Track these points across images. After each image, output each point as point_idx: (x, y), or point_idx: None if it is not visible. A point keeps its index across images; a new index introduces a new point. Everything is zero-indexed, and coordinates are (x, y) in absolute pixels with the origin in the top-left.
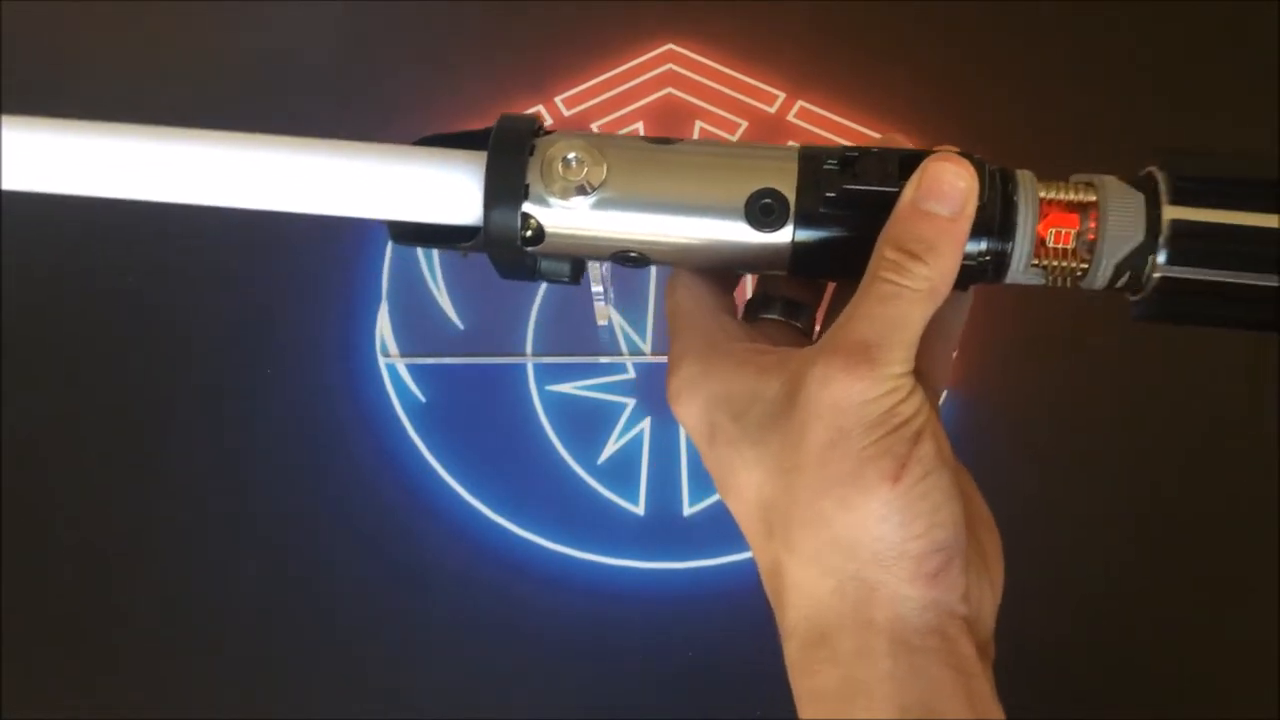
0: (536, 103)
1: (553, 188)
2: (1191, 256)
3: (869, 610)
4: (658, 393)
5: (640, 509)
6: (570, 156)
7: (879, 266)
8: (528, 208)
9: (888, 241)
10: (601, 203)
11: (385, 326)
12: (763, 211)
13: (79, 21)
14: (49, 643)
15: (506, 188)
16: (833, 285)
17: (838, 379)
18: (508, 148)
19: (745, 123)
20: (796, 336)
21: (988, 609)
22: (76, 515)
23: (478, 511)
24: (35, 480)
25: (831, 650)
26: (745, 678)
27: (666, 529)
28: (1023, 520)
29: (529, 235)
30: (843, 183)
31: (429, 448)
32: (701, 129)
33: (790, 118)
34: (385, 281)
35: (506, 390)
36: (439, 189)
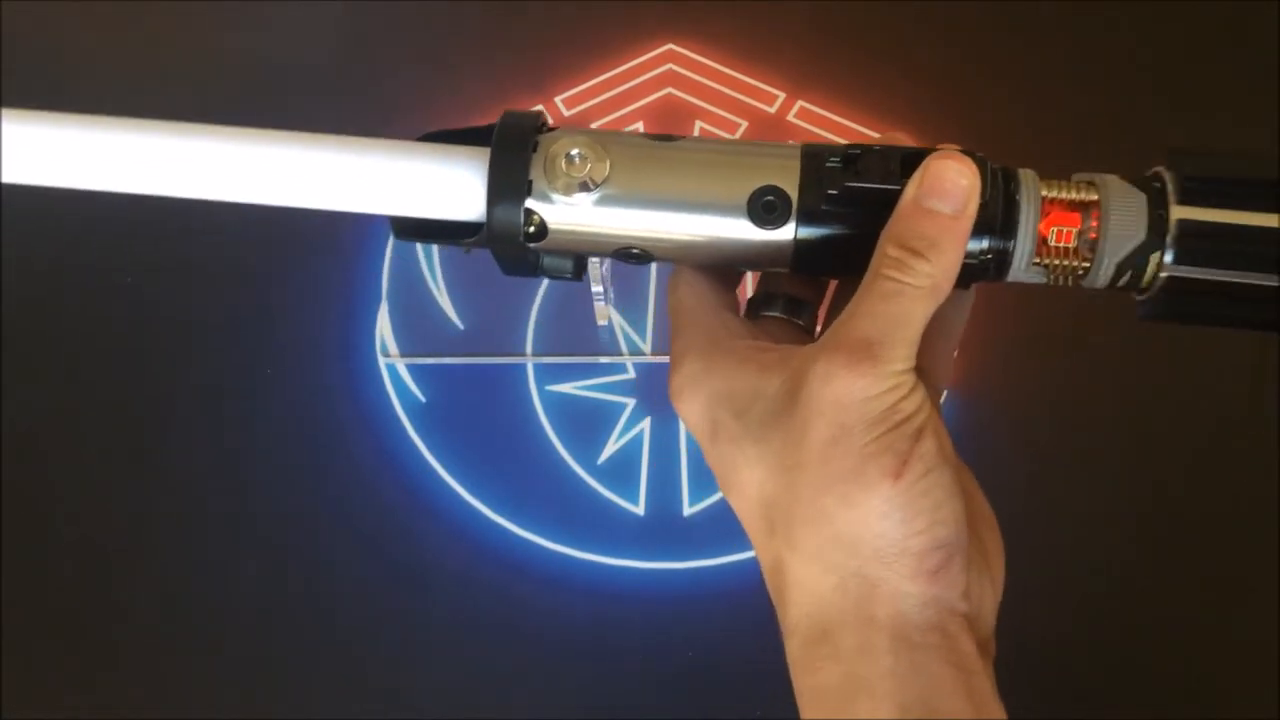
0: (536, 103)
1: (556, 184)
2: (1199, 256)
3: (870, 607)
4: (658, 393)
5: (640, 509)
6: (573, 153)
7: (881, 264)
8: (531, 204)
9: (890, 239)
10: (604, 199)
11: (385, 326)
12: (765, 209)
13: (79, 21)
14: (49, 641)
15: (510, 184)
16: (834, 283)
17: (840, 376)
18: (511, 144)
19: (745, 123)
20: (798, 334)
21: (989, 606)
22: (76, 512)
23: (478, 511)
24: (35, 477)
25: (833, 647)
26: (745, 678)
27: (666, 529)
28: (1024, 519)
29: (532, 231)
30: (845, 180)
31: (429, 448)
32: (701, 129)
33: (790, 118)
34: (385, 281)
35: (506, 390)
36: (442, 184)
